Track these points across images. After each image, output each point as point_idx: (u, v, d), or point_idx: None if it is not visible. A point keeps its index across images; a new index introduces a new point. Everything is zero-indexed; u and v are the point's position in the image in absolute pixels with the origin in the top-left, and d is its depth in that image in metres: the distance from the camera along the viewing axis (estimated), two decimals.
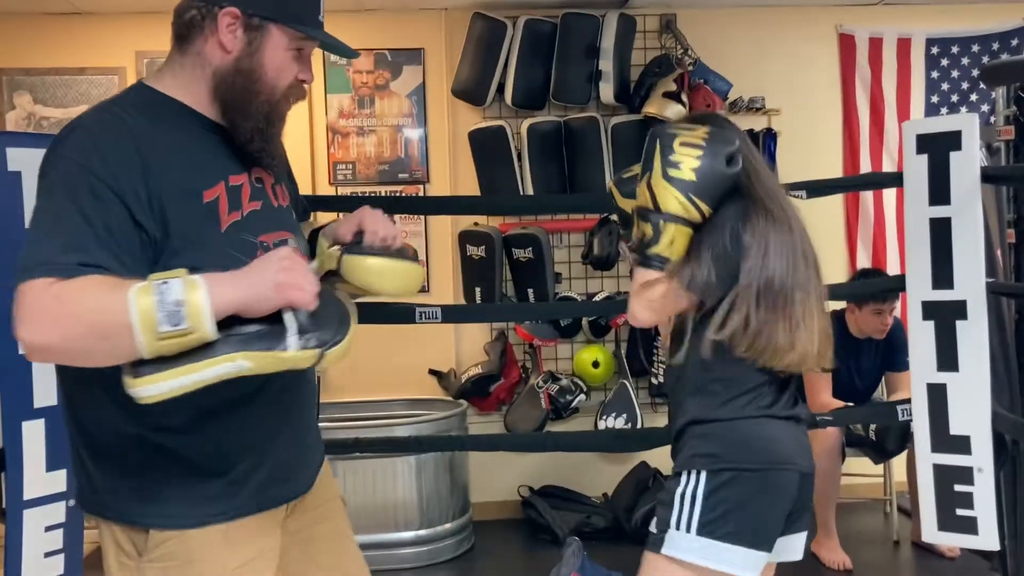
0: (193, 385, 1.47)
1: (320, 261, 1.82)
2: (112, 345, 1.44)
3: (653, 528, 1.95)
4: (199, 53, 1.66)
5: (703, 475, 1.92)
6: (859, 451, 4.42)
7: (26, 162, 2.45)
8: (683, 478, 1.94)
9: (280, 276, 1.50)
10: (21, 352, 2.37)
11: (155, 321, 1.41)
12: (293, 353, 1.51)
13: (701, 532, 1.89)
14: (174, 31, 1.69)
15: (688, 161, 1.87)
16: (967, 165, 2.86)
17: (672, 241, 1.90)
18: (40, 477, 2.47)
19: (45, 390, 2.48)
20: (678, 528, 1.90)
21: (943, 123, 3.05)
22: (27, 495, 2.45)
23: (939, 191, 2.89)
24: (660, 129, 1.94)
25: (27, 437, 2.44)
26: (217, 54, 1.65)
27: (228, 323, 1.49)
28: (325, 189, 4.97)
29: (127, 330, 1.41)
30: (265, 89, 1.67)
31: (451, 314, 3.67)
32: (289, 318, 1.52)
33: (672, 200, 1.88)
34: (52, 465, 2.49)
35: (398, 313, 3.25)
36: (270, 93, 1.68)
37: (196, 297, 1.43)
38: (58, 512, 2.51)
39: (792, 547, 2.10)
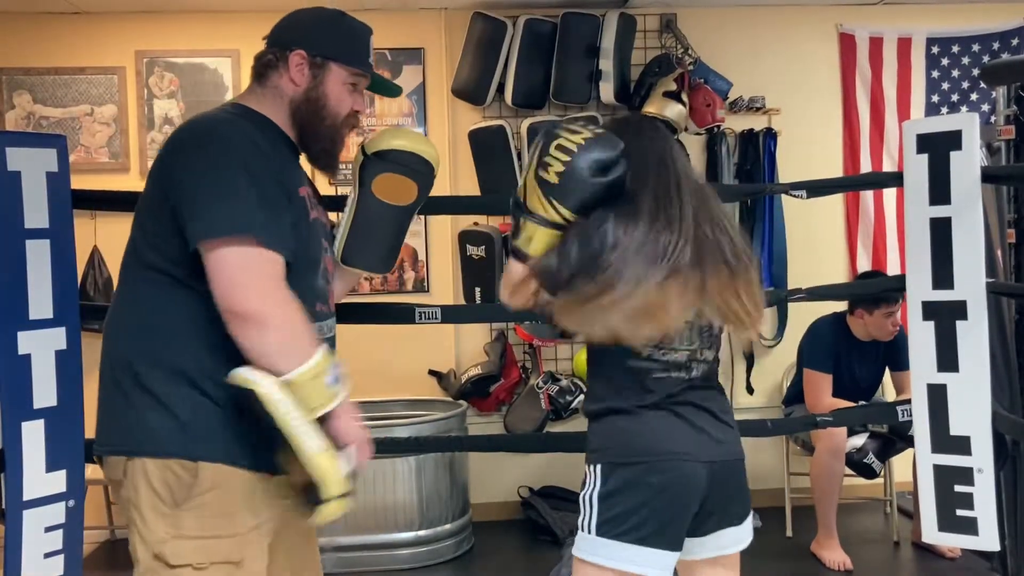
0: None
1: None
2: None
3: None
4: (276, 87, 2.04)
5: (598, 473, 1.95)
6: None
7: (26, 162, 2.45)
8: (587, 478, 1.98)
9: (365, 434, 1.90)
10: (22, 353, 2.42)
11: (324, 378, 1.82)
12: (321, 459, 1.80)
13: (600, 533, 1.92)
14: (254, 71, 2.08)
15: (556, 165, 1.90)
16: (967, 165, 2.84)
17: (531, 239, 1.96)
18: (40, 478, 2.46)
19: (45, 390, 2.47)
20: (583, 530, 1.95)
21: (943, 123, 3.03)
22: (27, 495, 2.44)
23: (939, 191, 2.88)
24: (548, 127, 1.99)
25: (27, 437, 2.43)
26: (290, 87, 2.04)
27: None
28: (325, 189, 4.91)
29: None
30: (329, 115, 2.06)
31: (451, 314, 3.66)
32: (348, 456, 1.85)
33: (535, 200, 1.94)
34: (52, 466, 2.48)
35: (398, 313, 3.24)
36: (333, 119, 2.07)
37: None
38: (58, 513, 2.50)
39: (729, 540, 2.10)
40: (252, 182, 1.82)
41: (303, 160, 2.13)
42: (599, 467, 1.95)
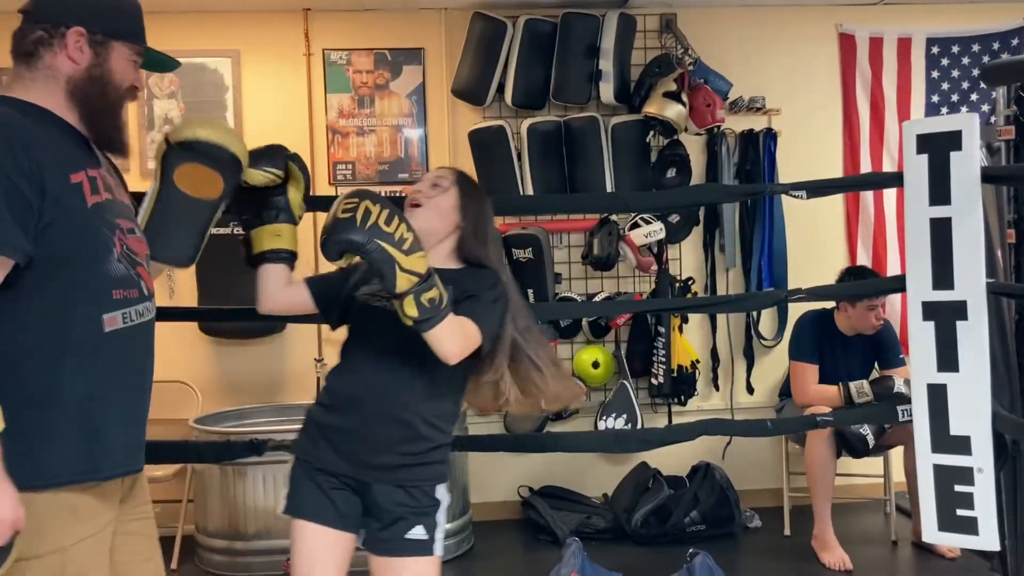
0: None
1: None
2: None
3: None
4: (50, 67, 1.93)
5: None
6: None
7: None
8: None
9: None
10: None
11: None
12: None
13: None
14: (17, 50, 1.95)
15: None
16: (967, 165, 2.85)
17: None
18: None
19: None
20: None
21: (943, 123, 3.04)
22: None
23: (939, 191, 2.88)
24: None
25: None
26: (67, 65, 1.93)
27: None
28: (325, 189, 4.96)
29: None
30: (113, 93, 1.98)
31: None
32: None
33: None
34: None
35: None
36: (117, 97, 2.00)
37: None
38: None
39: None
40: None
41: None
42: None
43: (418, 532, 2.23)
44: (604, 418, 4.80)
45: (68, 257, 1.83)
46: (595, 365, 4.87)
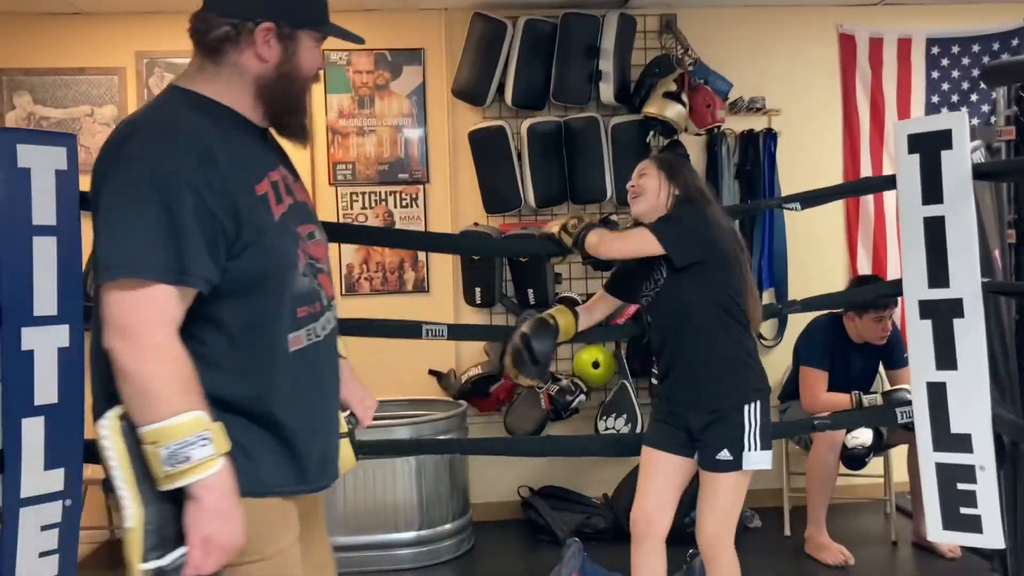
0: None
1: None
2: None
3: None
4: (235, 64, 1.79)
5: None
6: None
7: (36, 159, 2.47)
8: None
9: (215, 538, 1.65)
10: (24, 348, 2.42)
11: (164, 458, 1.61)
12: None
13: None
14: (203, 46, 1.80)
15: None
16: (958, 163, 2.86)
17: None
18: (38, 475, 2.46)
19: (46, 388, 2.48)
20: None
21: (934, 122, 3.05)
22: (24, 493, 2.43)
23: (931, 190, 2.90)
24: None
25: (26, 434, 2.43)
26: (255, 64, 1.80)
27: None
28: (325, 189, 4.97)
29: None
30: (301, 86, 1.87)
31: (457, 332, 3.80)
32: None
33: None
34: (50, 463, 2.48)
35: (404, 330, 3.34)
36: (304, 88, 1.89)
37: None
38: (54, 512, 2.50)
39: None
40: (166, 210, 1.62)
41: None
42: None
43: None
44: (604, 418, 4.80)
45: (256, 279, 1.74)
46: (595, 365, 4.86)
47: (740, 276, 2.92)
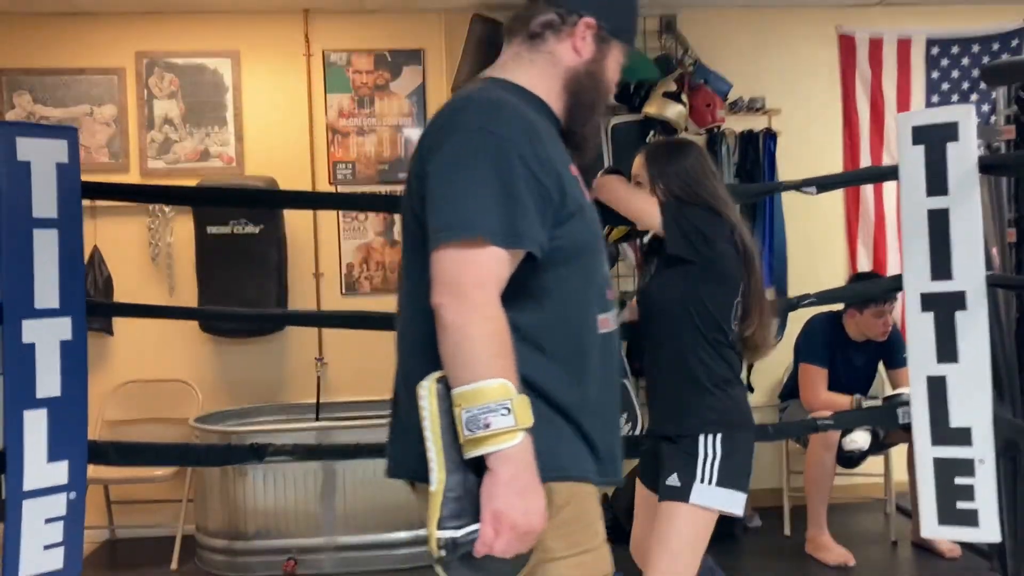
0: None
1: None
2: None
3: None
4: (551, 52, 1.84)
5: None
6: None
7: (36, 152, 2.47)
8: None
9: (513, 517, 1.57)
10: (26, 341, 2.42)
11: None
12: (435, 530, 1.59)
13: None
14: (525, 30, 1.85)
15: None
16: (965, 155, 2.84)
17: None
18: (41, 468, 2.46)
19: (48, 380, 2.48)
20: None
21: (939, 114, 3.02)
22: (27, 486, 2.43)
23: (937, 182, 2.88)
24: None
25: (28, 427, 2.43)
26: (570, 56, 1.84)
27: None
28: (325, 188, 4.97)
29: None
30: (602, 96, 1.91)
31: None
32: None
33: None
34: (53, 456, 2.48)
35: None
36: (604, 101, 1.93)
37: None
38: (59, 504, 2.50)
39: None
40: (499, 176, 1.64)
41: None
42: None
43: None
44: None
45: (576, 251, 1.75)
46: None
47: (733, 299, 2.62)
